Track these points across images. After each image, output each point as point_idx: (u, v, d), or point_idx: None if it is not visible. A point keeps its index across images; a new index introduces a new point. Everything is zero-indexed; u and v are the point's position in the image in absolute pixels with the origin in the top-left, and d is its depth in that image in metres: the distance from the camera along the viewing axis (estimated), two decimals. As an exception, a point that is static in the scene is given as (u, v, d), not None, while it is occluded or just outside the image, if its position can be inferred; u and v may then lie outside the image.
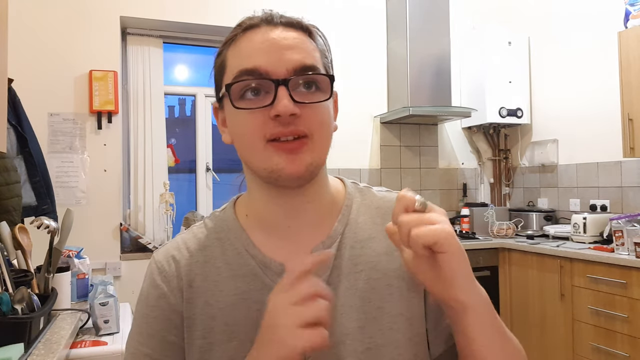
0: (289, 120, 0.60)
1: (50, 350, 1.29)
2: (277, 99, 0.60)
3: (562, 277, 2.80)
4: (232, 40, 0.66)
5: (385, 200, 0.75)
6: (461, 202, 3.86)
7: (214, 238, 0.72)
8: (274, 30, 0.64)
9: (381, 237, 0.70)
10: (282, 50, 0.62)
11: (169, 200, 3.06)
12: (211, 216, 0.75)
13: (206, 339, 0.66)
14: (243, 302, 0.66)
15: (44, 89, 2.84)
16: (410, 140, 3.77)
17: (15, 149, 2.19)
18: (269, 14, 0.66)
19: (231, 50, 0.66)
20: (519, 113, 3.64)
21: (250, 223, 0.71)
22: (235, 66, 0.63)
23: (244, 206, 0.73)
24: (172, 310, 0.68)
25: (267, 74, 0.61)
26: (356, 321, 0.66)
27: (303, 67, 0.62)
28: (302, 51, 0.63)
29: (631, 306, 2.42)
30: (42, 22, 2.86)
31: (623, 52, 2.74)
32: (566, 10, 3.46)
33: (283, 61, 0.62)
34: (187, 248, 0.72)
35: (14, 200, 1.96)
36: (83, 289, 2.00)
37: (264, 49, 0.62)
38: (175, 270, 0.70)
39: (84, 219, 2.78)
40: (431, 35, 3.49)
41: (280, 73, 0.61)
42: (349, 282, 0.67)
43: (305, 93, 0.63)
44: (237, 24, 0.68)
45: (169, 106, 3.48)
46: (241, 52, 0.64)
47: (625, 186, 3.05)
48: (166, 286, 0.69)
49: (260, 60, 0.62)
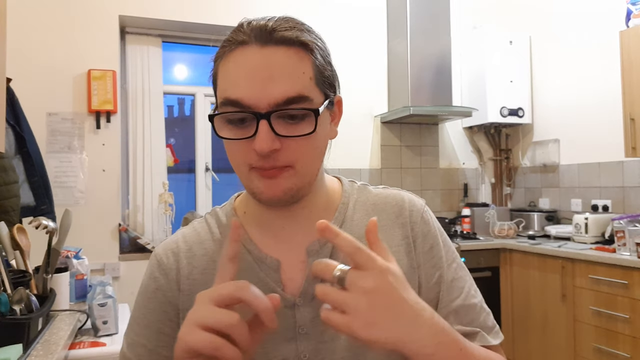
0: (268, 155, 0.61)
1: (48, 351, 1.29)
2: (257, 133, 0.60)
3: (563, 278, 2.79)
4: (223, 55, 0.64)
5: (381, 197, 0.76)
6: (462, 202, 3.85)
7: (214, 233, 0.74)
8: (262, 51, 0.61)
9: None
10: (266, 81, 0.60)
11: (168, 200, 3.05)
12: (212, 212, 0.78)
13: None
14: None
15: (43, 88, 2.82)
16: (411, 140, 3.76)
17: (13, 148, 2.18)
18: (262, 27, 0.62)
19: (222, 66, 0.64)
20: (520, 113, 3.63)
21: (248, 220, 0.73)
22: (222, 90, 0.63)
23: (244, 203, 0.75)
24: (168, 302, 0.70)
25: (250, 107, 0.60)
26: None
27: (286, 99, 0.60)
28: (288, 81, 0.60)
29: (633, 307, 2.41)
30: (41, 21, 2.85)
31: (624, 52, 2.73)
32: (567, 9, 3.45)
33: (266, 94, 0.59)
34: (186, 242, 0.74)
35: (12, 200, 1.94)
36: (82, 289, 1.99)
37: (249, 78, 0.60)
38: (174, 263, 0.72)
39: (83, 219, 2.77)
40: (432, 34, 3.48)
41: (263, 106, 0.60)
42: None
43: (289, 124, 0.61)
44: (229, 36, 0.65)
45: (168, 106, 3.47)
46: (229, 76, 0.62)
47: (627, 186, 3.04)
48: (163, 279, 0.71)
49: (244, 91, 0.60)
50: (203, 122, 3.40)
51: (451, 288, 0.72)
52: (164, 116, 3.19)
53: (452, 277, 0.73)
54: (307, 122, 0.62)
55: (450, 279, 0.73)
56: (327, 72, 0.66)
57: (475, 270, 3.14)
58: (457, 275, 0.74)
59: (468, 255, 3.11)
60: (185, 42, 3.42)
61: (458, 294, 0.72)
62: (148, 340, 0.69)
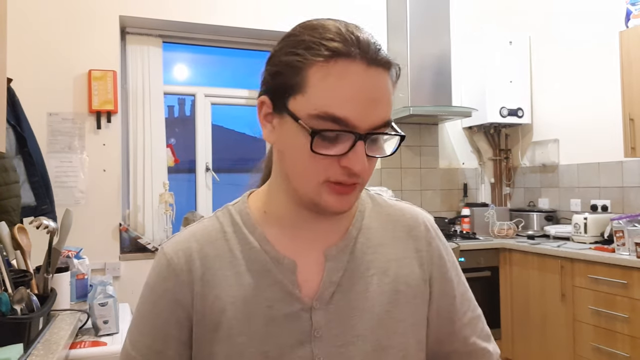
0: (358, 174, 0.61)
1: (49, 350, 1.29)
2: (354, 152, 0.59)
3: (562, 278, 2.80)
4: (321, 60, 0.59)
5: (395, 209, 0.78)
6: (462, 202, 3.85)
7: (226, 232, 0.71)
8: (368, 71, 0.60)
9: (391, 243, 0.73)
10: (373, 104, 0.60)
11: (169, 200, 3.05)
12: (224, 210, 0.75)
13: (215, 333, 0.67)
14: (253, 297, 0.67)
15: (43, 88, 2.83)
16: (411, 140, 3.76)
17: (14, 148, 2.18)
18: (368, 44, 0.60)
19: (318, 74, 0.59)
20: (520, 113, 3.64)
21: (267, 219, 0.71)
22: (322, 104, 0.59)
23: (262, 203, 0.73)
24: (178, 305, 0.68)
25: (354, 127, 0.59)
26: (367, 322, 0.68)
27: (384, 123, 0.62)
28: (387, 105, 0.62)
29: (632, 306, 2.42)
30: (41, 21, 2.86)
31: (624, 52, 2.73)
32: (567, 9, 3.45)
33: (371, 117, 0.60)
34: (197, 241, 0.71)
35: (13, 200, 1.95)
36: (82, 289, 1.99)
37: (360, 100, 0.59)
38: (185, 264, 0.69)
39: (83, 219, 2.77)
40: (431, 34, 3.48)
41: (364, 127, 0.60)
42: (361, 285, 0.69)
43: (375, 147, 0.63)
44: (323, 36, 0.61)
45: (169, 106, 3.47)
46: (334, 91, 0.59)
47: (626, 186, 3.05)
48: (174, 279, 0.69)
49: (353, 112, 0.59)
50: (203, 122, 3.41)
51: (463, 301, 0.77)
52: (165, 116, 3.20)
53: (462, 290, 0.78)
54: (388, 144, 0.65)
55: (461, 292, 0.77)
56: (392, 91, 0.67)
57: (474, 270, 3.14)
58: (465, 288, 0.78)
59: (467, 255, 3.12)
60: (185, 43, 3.42)
61: (468, 305, 0.77)
62: (154, 341, 0.69)
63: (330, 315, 0.67)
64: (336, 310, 0.67)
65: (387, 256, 0.72)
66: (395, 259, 0.72)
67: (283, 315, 0.66)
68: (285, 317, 0.66)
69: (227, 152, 3.59)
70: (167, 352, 0.69)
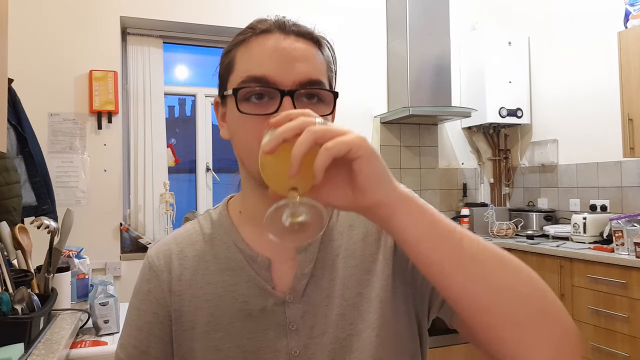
0: None
1: (50, 350, 1.29)
2: (281, 108, 0.61)
3: (562, 277, 2.80)
4: (243, 42, 0.67)
5: None
6: (461, 202, 3.86)
7: (205, 234, 0.75)
8: (285, 39, 0.65)
9: (359, 224, 0.73)
10: (291, 61, 0.63)
11: (169, 200, 3.06)
12: (205, 214, 0.79)
13: (193, 330, 0.69)
14: (229, 294, 0.69)
15: (44, 89, 2.84)
16: (410, 140, 3.77)
17: (15, 149, 2.19)
18: (281, 21, 0.67)
19: (241, 51, 0.67)
20: (519, 113, 3.64)
21: (242, 219, 0.74)
22: (244, 70, 0.65)
23: (238, 204, 0.76)
24: (159, 304, 0.71)
25: (275, 83, 0.62)
26: (337, 309, 0.68)
27: (309, 80, 0.64)
28: (310, 64, 0.65)
29: (631, 306, 2.42)
30: (42, 22, 2.86)
31: (623, 52, 2.74)
32: (566, 10, 3.46)
33: (291, 72, 0.63)
34: (177, 243, 0.75)
35: (14, 200, 1.95)
36: (83, 289, 2.00)
37: (275, 58, 0.63)
38: (165, 265, 0.73)
39: (84, 219, 2.78)
40: (431, 35, 3.49)
41: (287, 84, 0.62)
42: (330, 273, 0.70)
43: (308, 104, 0.64)
44: (248, 26, 0.68)
45: (169, 106, 3.48)
46: (252, 57, 0.65)
47: (625, 186, 3.05)
48: (155, 280, 0.72)
49: (270, 68, 0.63)
50: (204, 123, 3.41)
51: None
52: (165, 116, 3.21)
53: None
54: (325, 104, 0.66)
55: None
56: (332, 70, 0.70)
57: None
58: None
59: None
60: (186, 43, 3.43)
61: None
62: (139, 341, 0.71)
63: (305, 307, 0.68)
64: (310, 301, 0.68)
65: (354, 238, 0.72)
66: (362, 239, 0.71)
67: (258, 310, 0.67)
68: (261, 312, 0.67)
69: (227, 152, 3.59)
70: (150, 351, 0.71)
